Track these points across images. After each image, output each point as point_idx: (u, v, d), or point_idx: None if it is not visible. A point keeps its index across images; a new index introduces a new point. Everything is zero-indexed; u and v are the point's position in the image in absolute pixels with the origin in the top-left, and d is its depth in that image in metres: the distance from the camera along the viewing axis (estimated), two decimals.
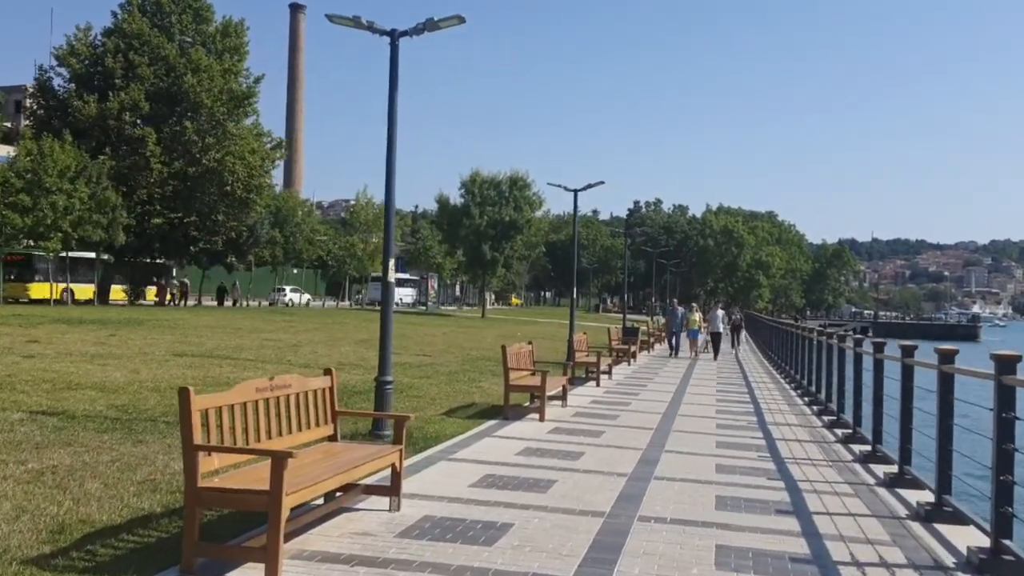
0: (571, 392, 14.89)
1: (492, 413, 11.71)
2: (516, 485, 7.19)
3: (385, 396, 9.08)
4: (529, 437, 9.91)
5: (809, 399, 15.50)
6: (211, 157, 41.15)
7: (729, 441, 10.38)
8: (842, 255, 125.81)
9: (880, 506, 7.10)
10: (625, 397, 14.72)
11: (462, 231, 48.67)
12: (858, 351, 11.03)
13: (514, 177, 49.04)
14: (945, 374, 6.74)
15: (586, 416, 12.00)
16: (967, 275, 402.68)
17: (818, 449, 10.20)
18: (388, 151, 9.25)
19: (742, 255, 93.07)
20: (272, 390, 5.49)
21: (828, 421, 12.41)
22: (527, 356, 12.67)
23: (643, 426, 11.28)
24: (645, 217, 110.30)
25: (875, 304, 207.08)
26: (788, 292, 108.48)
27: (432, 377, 16.11)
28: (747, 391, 16.82)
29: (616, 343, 23.56)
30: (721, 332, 27.23)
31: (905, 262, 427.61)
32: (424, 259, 62.05)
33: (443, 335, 30.15)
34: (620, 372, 20.09)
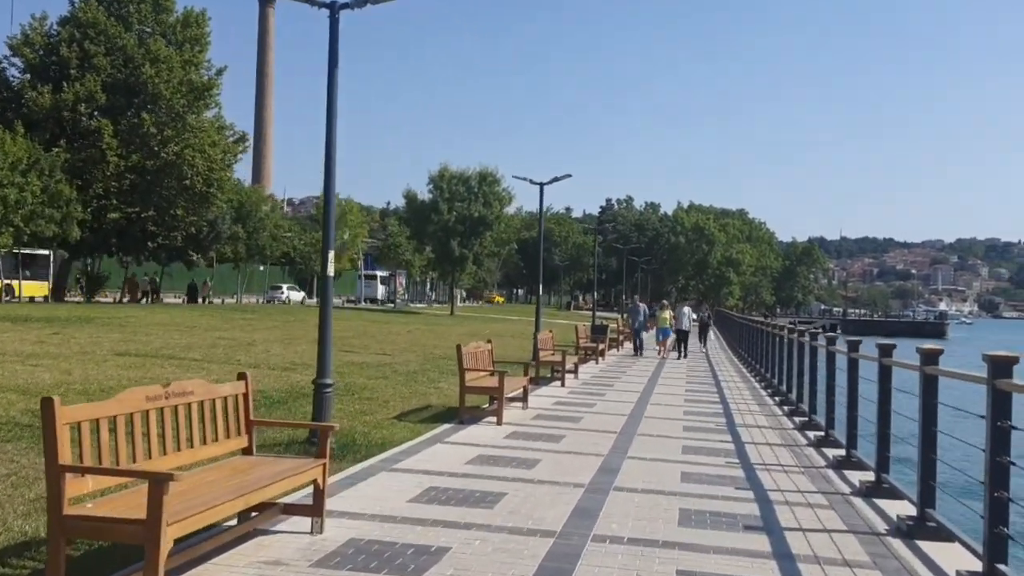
0: (534, 393, 14.25)
1: (447, 416, 11.03)
2: (461, 499, 6.51)
3: (324, 401, 8.35)
4: (483, 443, 9.23)
5: (780, 399, 15.00)
6: (170, 150, 39.95)
7: (696, 445, 9.77)
8: (811, 253, 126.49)
9: (858, 520, 6.51)
10: (590, 398, 14.09)
11: (430, 227, 47.79)
12: (831, 350, 10.50)
13: (483, 172, 48.27)
14: (929, 376, 6.17)
15: (547, 419, 11.35)
16: (934, 273, 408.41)
17: (789, 454, 9.63)
18: (327, 135, 8.51)
19: (713, 252, 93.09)
20: (167, 398, 4.76)
21: (800, 423, 11.87)
22: (485, 356, 11.98)
23: (607, 429, 10.65)
24: (617, 214, 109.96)
25: (844, 302, 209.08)
26: (758, 289, 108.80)
27: (389, 377, 15.39)
28: (716, 391, 16.28)
29: (584, 341, 22.94)
30: (688, 330, 26.29)
31: (873, 260, 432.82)
32: (393, 256, 61.12)
33: (407, 333, 29.38)
34: (587, 371, 19.48)
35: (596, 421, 11.38)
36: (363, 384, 14.03)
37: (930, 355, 6.12)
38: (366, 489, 6.76)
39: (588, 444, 9.47)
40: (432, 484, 7.00)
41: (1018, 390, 4.68)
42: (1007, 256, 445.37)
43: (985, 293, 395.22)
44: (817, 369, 12.23)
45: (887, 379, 7.41)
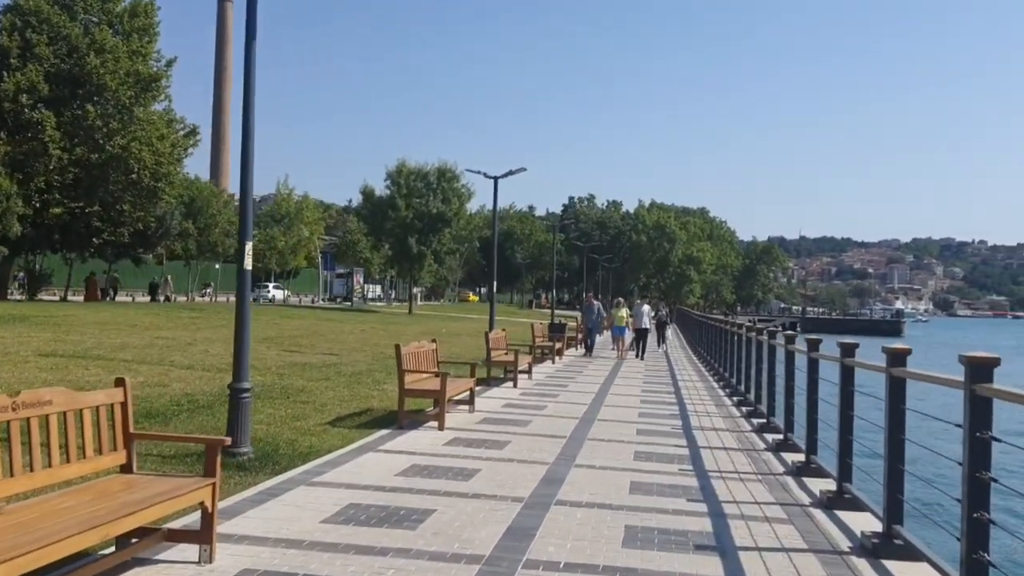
0: (483, 395, 13.63)
1: (387, 421, 10.32)
2: (382, 519, 5.83)
3: (241, 408, 7.61)
4: (420, 450, 8.55)
5: (738, 399, 14.54)
6: (116, 143, 38.51)
7: (649, 451, 9.19)
8: (771, 252, 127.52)
9: (819, 537, 5.94)
10: (542, 400, 13.46)
11: (388, 224, 46.79)
12: (789, 349, 9.96)
13: (442, 168, 47.33)
14: (896, 379, 5.58)
15: (493, 423, 10.69)
16: (890, 272, 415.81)
17: (747, 459, 9.08)
18: (244, 114, 7.76)
19: (674, 250, 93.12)
20: (16, 410, 4.01)
21: (758, 424, 11.37)
22: (429, 356, 11.28)
23: (556, 434, 10.03)
24: (579, 213, 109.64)
25: (803, 300, 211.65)
26: (719, 288, 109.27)
27: (331, 379, 14.61)
28: (674, 392, 15.76)
29: (540, 340, 22.34)
30: (647, 329, 24.94)
31: (831, 259, 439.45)
32: (351, 253, 59.98)
33: (360, 332, 28.54)
34: (542, 371, 18.88)
35: (545, 425, 10.75)
36: (301, 386, 13.26)
37: (897, 355, 5.55)
38: (276, 508, 6.04)
39: (534, 451, 8.84)
40: (353, 500, 6.31)
41: (1001, 396, 4.05)
42: (961, 255, 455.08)
43: (940, 292, 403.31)
44: (775, 369, 11.78)
45: (849, 381, 6.85)
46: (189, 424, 9.43)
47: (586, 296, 26.81)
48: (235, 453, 7.50)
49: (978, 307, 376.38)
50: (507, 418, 11.18)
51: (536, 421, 11.02)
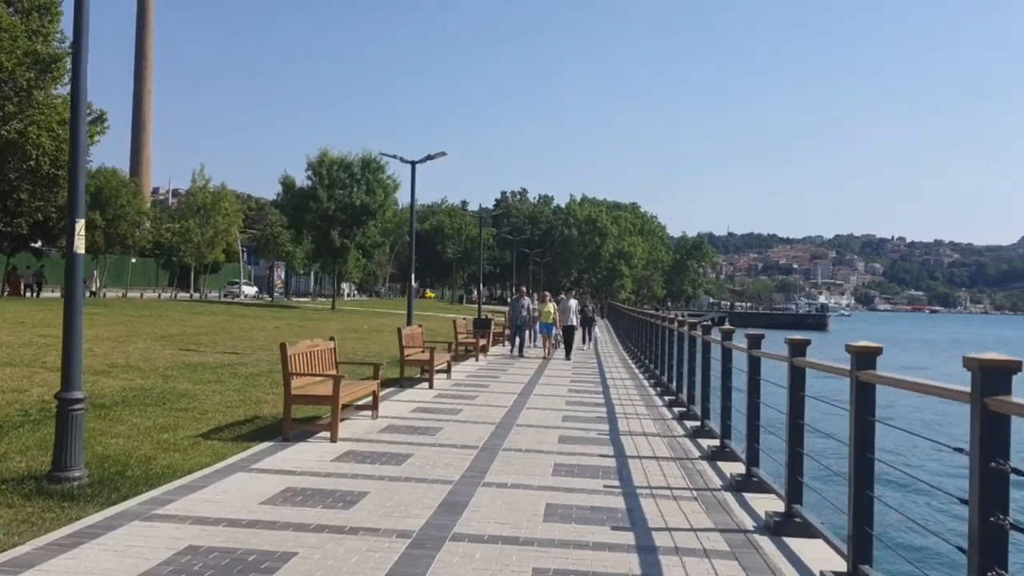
0: (392, 398, 12.39)
1: (274, 431, 8.98)
2: (230, 565, 4.56)
3: (71, 423, 6.20)
4: (301, 469, 7.26)
5: (670, 399, 13.62)
6: (12, 128, 35.79)
7: (571, 462, 8.07)
8: (701, 247, 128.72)
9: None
10: (457, 402, 12.25)
11: (309, 216, 44.82)
12: (726, 346, 8.99)
13: (366, 158, 45.46)
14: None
15: (398, 431, 9.44)
16: (814, 268, 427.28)
17: (679, 471, 8.03)
18: (74, 65, 6.34)
19: (605, 245, 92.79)
20: None
21: (692, 428, 10.37)
22: (324, 356, 9.95)
23: (467, 444, 8.84)
24: (511, 207, 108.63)
25: (731, 295, 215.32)
26: (650, 283, 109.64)
27: (224, 381, 13.14)
28: (602, 392, 14.71)
29: (464, 336, 21.13)
30: (575, 326, 22.98)
31: (758, 255, 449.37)
32: (273, 247, 57.69)
33: (273, 329, 26.86)
34: (464, 370, 17.68)
35: (457, 433, 9.55)
36: (185, 391, 11.78)
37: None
38: (88, 555, 4.71)
39: (438, 465, 7.63)
40: (193, 541, 5.01)
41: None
42: (881, 251, 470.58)
43: (861, 287, 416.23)
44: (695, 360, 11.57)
45: (799, 385, 5.96)
46: (29, 438, 7.95)
47: (516, 290, 24.09)
48: (61, 479, 6.11)
49: (897, 302, 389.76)
50: (415, 425, 9.94)
51: (447, 428, 9.81)
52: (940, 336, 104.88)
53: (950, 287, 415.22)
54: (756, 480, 6.95)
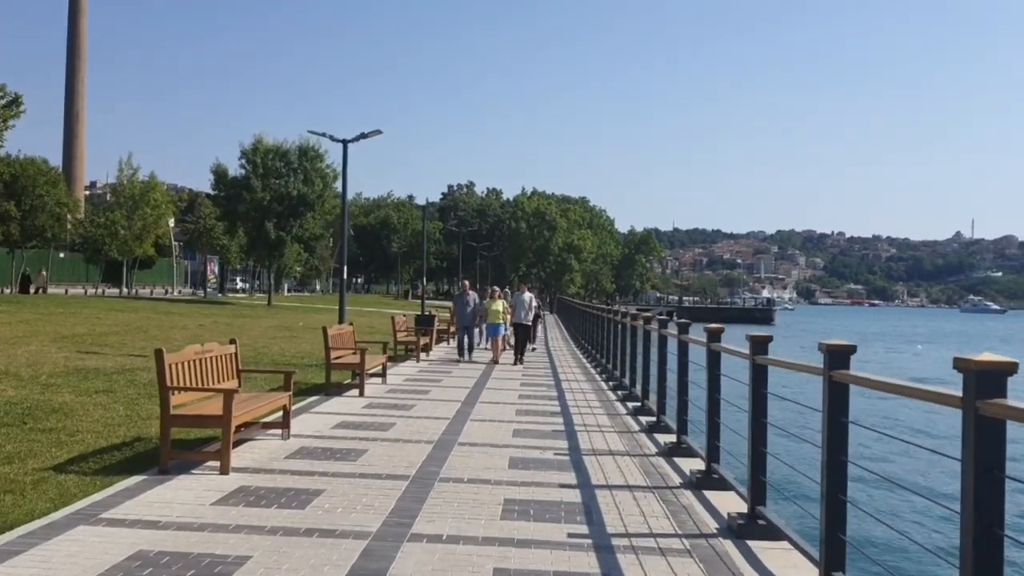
0: (312, 410, 10.57)
1: (154, 459, 7.14)
2: None
3: None
4: (169, 518, 5.46)
5: (635, 405, 12.10)
6: None
7: (525, 497, 6.40)
8: (649, 241, 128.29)
9: None
10: (390, 414, 10.49)
11: (242, 207, 42.30)
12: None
13: (304, 146, 43.05)
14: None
15: (311, 456, 7.67)
16: (757, 262, 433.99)
17: (660, 506, 6.39)
18: None
19: (554, 238, 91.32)
20: None
21: (667, 446, 8.78)
22: (220, 364, 8.09)
23: (395, 472, 7.11)
24: (458, 200, 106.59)
25: (678, 290, 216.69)
26: (599, 277, 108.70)
27: (116, 391, 11.17)
28: (557, 399, 13.06)
29: (404, 334, 19.33)
30: (529, 324, 19.79)
31: (703, 250, 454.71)
32: (206, 240, 54.88)
33: (196, 328, 24.67)
34: (403, 373, 15.91)
35: (385, 456, 7.81)
36: (62, 404, 9.81)
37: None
38: None
39: (355, 508, 5.90)
40: None
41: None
42: (822, 246, 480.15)
43: (803, 281, 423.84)
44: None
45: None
46: None
47: (460, 285, 20.89)
48: None
49: (837, 295, 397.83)
50: (333, 447, 8.16)
51: (373, 451, 8.06)
52: (881, 328, 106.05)
53: (888, 281, 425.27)
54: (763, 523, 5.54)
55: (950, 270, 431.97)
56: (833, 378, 4.27)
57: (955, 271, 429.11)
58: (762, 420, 5.46)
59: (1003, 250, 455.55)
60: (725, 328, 7.11)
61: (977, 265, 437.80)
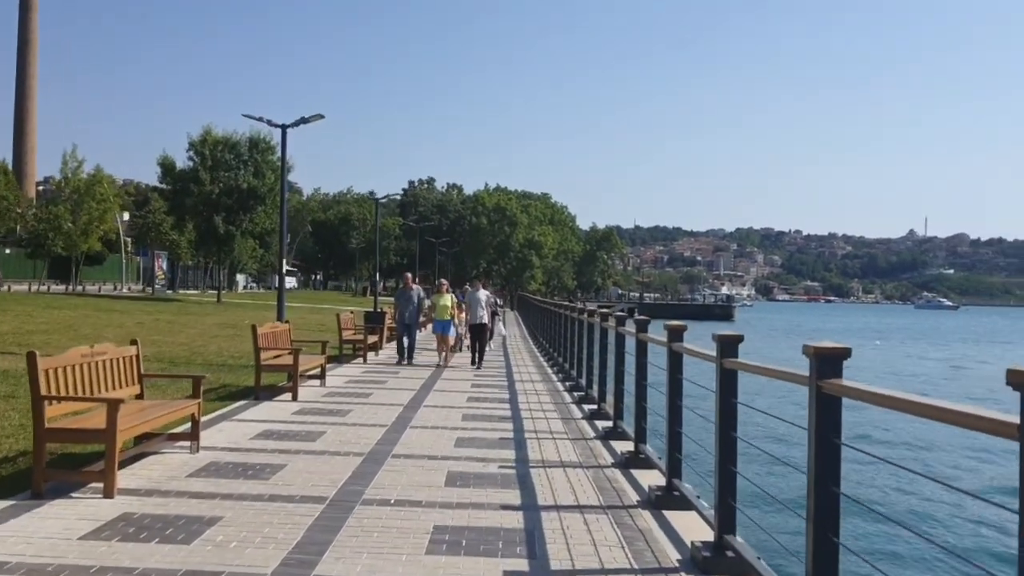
0: (235, 417, 9.58)
1: (27, 480, 6.12)
2: None
3: None
4: (24, 555, 4.51)
5: (580, 396, 11.33)
6: None
7: (460, 523, 5.52)
8: (610, 238, 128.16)
9: None
10: (323, 421, 9.54)
11: (190, 200, 40.76)
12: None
13: (254, 138, 41.57)
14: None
15: (218, 473, 6.70)
16: (716, 260, 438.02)
17: (611, 527, 5.54)
18: None
19: (515, 234, 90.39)
20: None
21: (624, 456, 7.95)
22: (118, 368, 7.07)
23: (311, 493, 6.18)
24: (418, 196, 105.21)
25: (639, 287, 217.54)
26: (560, 274, 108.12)
27: (20, 397, 10.13)
28: (509, 401, 12.18)
29: (351, 333, 18.33)
30: (486, 324, 17.67)
31: (664, 248, 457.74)
32: (156, 235, 53.07)
33: (134, 326, 23.38)
34: (346, 374, 14.94)
35: (304, 472, 6.87)
36: None
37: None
38: None
39: (253, 540, 4.96)
40: None
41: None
42: (780, 244, 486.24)
43: (761, 278, 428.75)
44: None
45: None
46: None
47: (403, 279, 18.34)
48: None
49: (795, 292, 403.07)
50: (246, 461, 7.20)
51: (293, 465, 7.11)
52: (839, 324, 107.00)
53: (844, 278, 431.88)
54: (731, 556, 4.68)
55: (904, 267, 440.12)
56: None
57: (908, 268, 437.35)
58: (731, 434, 4.73)
59: (955, 248, 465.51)
60: (687, 326, 6.41)
61: (930, 262, 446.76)
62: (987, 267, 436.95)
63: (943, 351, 58.00)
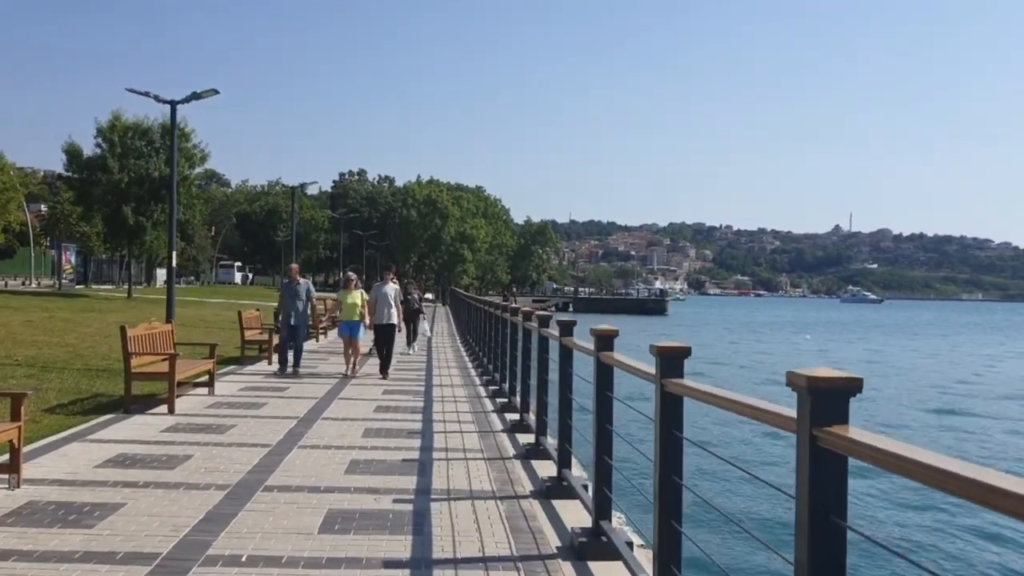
0: (91, 436, 8.08)
1: None
2: None
3: None
4: None
5: (503, 403, 10.09)
6: None
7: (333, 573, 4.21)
8: (545, 232, 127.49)
9: None
10: (192, 441, 8.07)
11: (98, 189, 38.24)
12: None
13: (168, 125, 39.04)
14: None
15: (27, 521, 5.25)
16: (650, 254, 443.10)
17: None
18: None
19: (446, 227, 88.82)
20: None
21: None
22: None
23: (141, 549, 4.80)
24: (348, 188, 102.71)
25: (574, 281, 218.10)
26: (495, 268, 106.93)
27: None
28: (422, 410, 10.86)
29: (255, 332, 16.77)
30: (394, 324, 14.71)
31: (599, 242, 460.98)
32: (63, 226, 50.03)
33: (20, 324, 21.25)
34: (244, 379, 13.44)
35: (143, 518, 5.45)
36: None
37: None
38: None
39: None
40: None
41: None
42: (711, 239, 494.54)
43: (693, 272, 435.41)
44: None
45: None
46: None
47: (288, 271, 15.41)
48: None
49: (726, 286, 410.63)
50: (78, 501, 5.76)
51: (131, 506, 5.69)
52: (768, 318, 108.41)
53: (772, 272, 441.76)
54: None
55: (829, 262, 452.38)
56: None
57: (834, 263, 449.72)
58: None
59: (878, 243, 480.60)
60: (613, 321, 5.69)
61: (854, 257, 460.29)
62: (908, 262, 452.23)
63: (868, 344, 58.70)
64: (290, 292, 14.50)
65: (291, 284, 14.65)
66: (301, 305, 14.38)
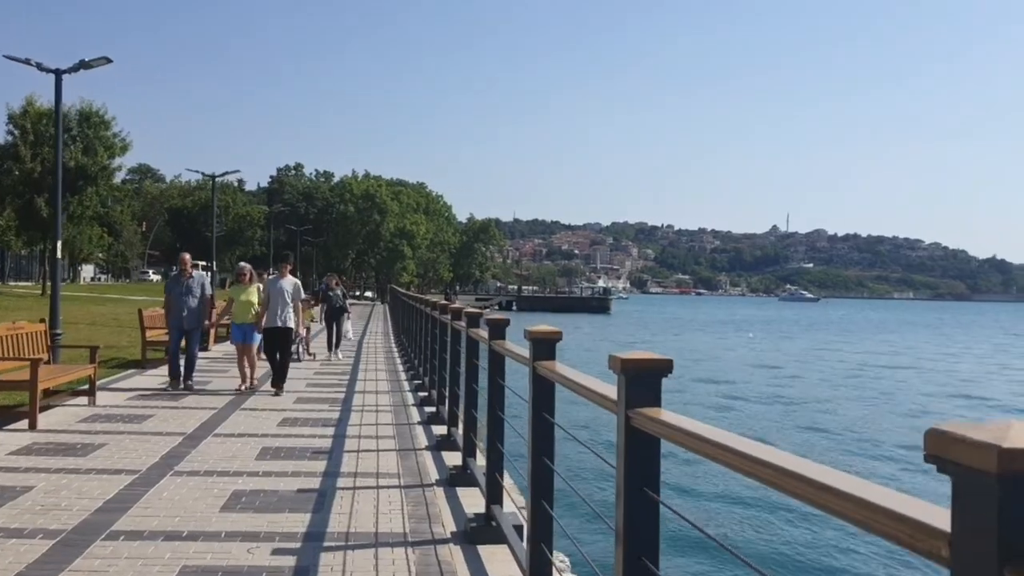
0: None
1: None
2: None
3: None
4: None
5: (430, 413, 8.75)
6: None
7: None
8: (488, 230, 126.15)
9: None
10: (43, 467, 6.58)
11: (8, 179, 35.72)
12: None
13: (85, 111, 36.74)
14: None
15: None
16: (593, 253, 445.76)
17: None
18: None
19: (385, 223, 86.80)
20: None
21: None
22: None
23: None
24: (284, 183, 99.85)
25: (518, 279, 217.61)
26: (436, 265, 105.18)
27: None
28: (336, 423, 9.47)
29: (160, 333, 15.13)
30: (291, 329, 11.66)
31: (542, 241, 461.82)
32: None
33: None
34: (140, 384, 11.88)
35: None
36: None
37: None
38: None
39: None
40: None
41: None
42: (653, 238, 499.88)
43: (635, 271, 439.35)
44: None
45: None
46: None
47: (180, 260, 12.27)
48: None
49: (667, 285, 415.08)
50: None
51: None
52: (710, 316, 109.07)
53: (712, 271, 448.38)
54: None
55: (767, 261, 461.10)
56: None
57: (772, 262, 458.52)
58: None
59: (814, 243, 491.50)
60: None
61: (791, 257, 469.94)
62: (843, 261, 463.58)
63: (810, 341, 58.86)
64: (179, 287, 11.67)
65: (180, 277, 11.78)
66: (194, 303, 11.63)
